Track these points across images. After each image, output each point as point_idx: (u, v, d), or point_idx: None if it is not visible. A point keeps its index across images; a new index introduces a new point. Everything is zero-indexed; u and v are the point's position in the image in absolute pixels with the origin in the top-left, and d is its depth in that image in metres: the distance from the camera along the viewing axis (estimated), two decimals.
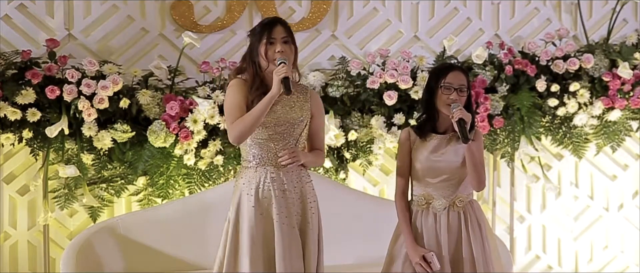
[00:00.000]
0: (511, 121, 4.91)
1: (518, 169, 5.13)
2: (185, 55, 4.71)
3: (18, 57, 4.44)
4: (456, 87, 3.44)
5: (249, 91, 3.42)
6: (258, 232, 3.38)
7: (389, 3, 5.05)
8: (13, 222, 4.66)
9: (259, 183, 3.42)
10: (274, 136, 3.43)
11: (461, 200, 3.50)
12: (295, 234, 3.40)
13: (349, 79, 4.80)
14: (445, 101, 3.44)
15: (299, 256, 3.40)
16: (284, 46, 3.41)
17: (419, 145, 3.51)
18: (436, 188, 3.49)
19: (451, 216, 3.48)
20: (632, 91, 5.04)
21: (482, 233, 3.52)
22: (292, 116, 3.45)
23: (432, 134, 3.52)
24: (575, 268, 5.37)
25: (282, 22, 3.48)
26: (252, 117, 3.34)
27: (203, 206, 4.46)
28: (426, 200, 3.50)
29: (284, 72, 3.31)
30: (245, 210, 3.41)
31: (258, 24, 3.51)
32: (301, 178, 3.48)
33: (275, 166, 3.43)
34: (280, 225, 3.38)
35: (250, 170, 3.45)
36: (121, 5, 4.72)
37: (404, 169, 3.56)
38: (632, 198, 5.41)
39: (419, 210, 3.52)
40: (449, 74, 3.46)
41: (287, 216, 3.40)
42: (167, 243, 4.39)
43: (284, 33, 3.43)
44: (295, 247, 3.39)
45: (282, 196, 3.41)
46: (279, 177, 3.42)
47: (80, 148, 4.45)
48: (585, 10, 5.29)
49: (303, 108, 3.49)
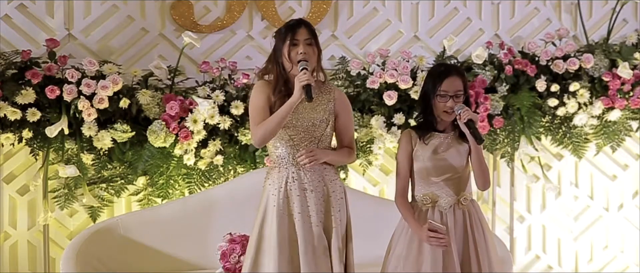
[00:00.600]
0: (511, 121, 4.91)
1: (518, 169, 5.13)
2: (185, 55, 4.71)
3: (18, 57, 4.44)
4: (452, 95, 3.45)
5: (273, 93, 3.46)
6: (282, 232, 3.41)
7: (389, 3, 5.05)
8: (13, 222, 4.66)
9: (281, 184, 3.46)
10: (295, 136, 3.46)
11: (465, 198, 3.51)
12: (318, 233, 3.43)
13: (349, 79, 4.80)
14: (442, 108, 3.46)
15: (324, 255, 3.42)
16: (307, 48, 3.44)
17: (421, 145, 3.52)
18: (440, 186, 3.50)
19: (457, 214, 3.49)
20: (632, 91, 5.04)
21: (485, 231, 3.53)
22: (314, 116, 3.48)
23: (433, 133, 3.53)
24: (575, 268, 5.38)
25: (306, 24, 3.50)
26: (274, 122, 3.39)
27: (203, 206, 4.46)
28: (431, 199, 3.50)
29: (306, 79, 3.34)
30: (269, 210, 3.46)
31: (283, 25, 3.54)
32: (324, 176, 3.50)
33: (296, 167, 3.47)
34: (302, 223, 3.42)
35: (274, 171, 3.51)
36: (121, 5, 4.73)
37: (405, 170, 3.56)
38: (632, 198, 5.41)
39: (424, 209, 3.52)
40: (445, 81, 3.45)
41: (308, 215, 3.43)
42: (167, 243, 4.39)
43: (307, 35, 3.45)
44: (319, 246, 3.41)
45: (303, 196, 3.44)
46: (300, 177, 3.46)
47: (80, 147, 4.45)
48: (585, 10, 5.29)
49: (326, 109, 3.51)
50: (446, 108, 3.44)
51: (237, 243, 4.09)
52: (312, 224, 3.43)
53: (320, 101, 3.51)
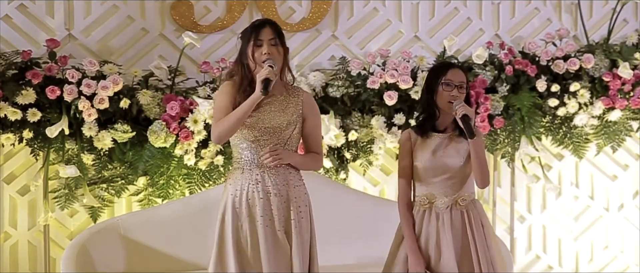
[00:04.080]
0: (511, 121, 4.91)
1: (518, 169, 5.13)
2: (186, 55, 4.71)
3: (18, 57, 4.45)
4: (457, 84, 3.46)
5: (237, 93, 3.41)
6: (242, 234, 3.37)
7: (389, 3, 5.05)
8: (13, 222, 4.66)
9: (244, 186, 3.41)
10: (260, 138, 3.41)
11: (464, 198, 3.50)
12: (280, 237, 3.37)
13: (349, 79, 4.79)
14: (447, 98, 3.45)
15: (284, 258, 3.37)
16: (271, 48, 3.38)
17: (420, 145, 3.52)
18: (438, 186, 3.50)
19: (454, 215, 3.49)
20: (632, 91, 5.04)
21: (486, 232, 3.52)
22: (280, 119, 3.42)
23: (433, 133, 3.52)
24: (576, 268, 5.37)
25: (271, 23, 3.44)
26: (233, 118, 3.33)
27: (203, 207, 4.45)
28: (429, 199, 3.50)
29: (265, 74, 3.29)
30: (230, 211, 3.40)
31: (248, 26, 3.49)
32: (288, 181, 3.43)
33: (260, 169, 3.41)
34: (264, 227, 3.37)
35: (237, 172, 3.44)
36: (121, 6, 4.73)
37: (406, 170, 3.55)
38: (633, 198, 5.40)
39: (421, 209, 3.52)
40: (449, 71, 3.48)
41: (270, 219, 3.38)
42: (168, 243, 4.39)
43: (271, 35, 3.39)
44: (280, 250, 3.37)
45: (266, 199, 3.39)
46: (264, 180, 3.40)
47: (81, 148, 4.45)
48: (586, 10, 5.29)
49: (293, 112, 3.45)
50: (451, 97, 3.44)
51: None
52: (276, 228, 3.38)
53: (288, 104, 3.45)
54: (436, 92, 3.48)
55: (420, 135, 3.53)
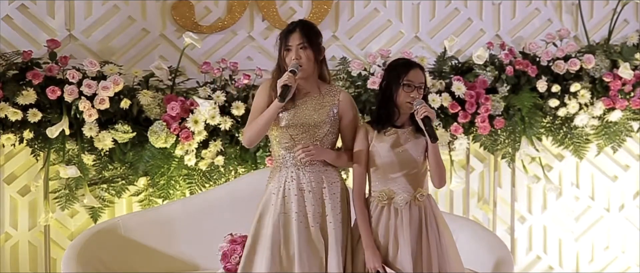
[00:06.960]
0: (512, 121, 4.91)
1: (519, 169, 5.13)
2: (186, 55, 4.71)
3: (19, 57, 4.45)
4: (417, 86, 3.45)
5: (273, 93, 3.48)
6: (278, 232, 3.43)
7: (390, 3, 5.06)
8: (14, 223, 4.66)
9: (281, 184, 3.48)
10: (296, 137, 3.47)
11: (422, 194, 3.49)
12: (313, 233, 3.43)
13: (350, 80, 4.80)
14: (406, 98, 3.45)
15: (317, 255, 3.42)
16: (300, 52, 3.44)
17: (378, 140, 3.50)
18: (397, 182, 3.48)
19: (413, 211, 3.47)
20: (632, 91, 5.04)
21: (439, 227, 3.51)
22: (314, 118, 3.48)
23: (391, 128, 3.51)
24: (576, 269, 5.38)
25: (301, 27, 3.48)
26: (259, 124, 3.45)
27: (204, 207, 4.46)
28: (388, 196, 3.48)
29: (284, 80, 3.36)
30: (268, 210, 3.48)
31: (284, 29, 3.54)
32: (323, 178, 3.49)
33: (296, 167, 3.48)
34: (298, 223, 3.43)
35: (276, 171, 3.54)
36: (122, 6, 4.73)
37: (362, 166, 3.51)
38: (633, 199, 5.41)
39: (379, 205, 3.50)
40: (411, 72, 3.46)
41: (304, 215, 3.44)
42: (168, 243, 4.39)
43: (299, 39, 3.44)
44: (313, 247, 3.42)
45: (301, 196, 3.45)
46: (299, 177, 3.47)
47: (81, 148, 4.45)
48: (586, 10, 5.29)
49: (328, 110, 3.50)
50: (410, 98, 3.44)
51: (238, 243, 4.08)
52: (309, 224, 3.43)
53: (323, 102, 3.51)
54: (396, 92, 3.47)
55: (378, 130, 3.52)
